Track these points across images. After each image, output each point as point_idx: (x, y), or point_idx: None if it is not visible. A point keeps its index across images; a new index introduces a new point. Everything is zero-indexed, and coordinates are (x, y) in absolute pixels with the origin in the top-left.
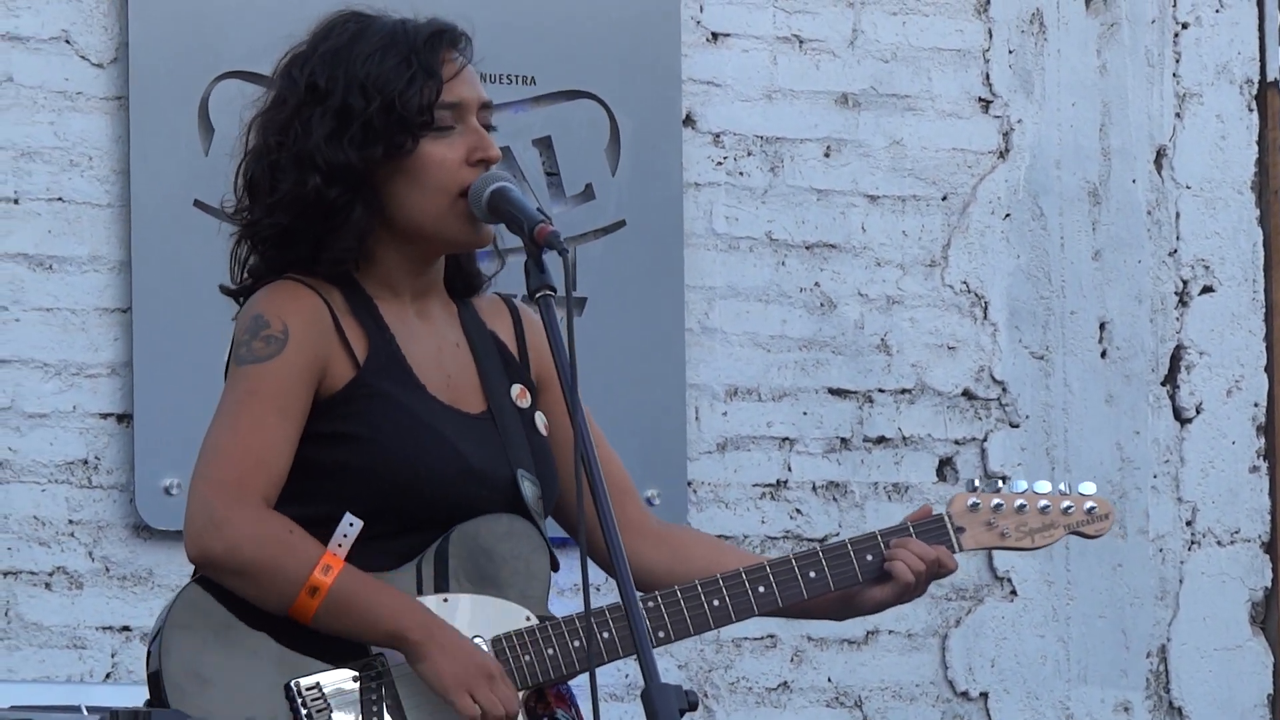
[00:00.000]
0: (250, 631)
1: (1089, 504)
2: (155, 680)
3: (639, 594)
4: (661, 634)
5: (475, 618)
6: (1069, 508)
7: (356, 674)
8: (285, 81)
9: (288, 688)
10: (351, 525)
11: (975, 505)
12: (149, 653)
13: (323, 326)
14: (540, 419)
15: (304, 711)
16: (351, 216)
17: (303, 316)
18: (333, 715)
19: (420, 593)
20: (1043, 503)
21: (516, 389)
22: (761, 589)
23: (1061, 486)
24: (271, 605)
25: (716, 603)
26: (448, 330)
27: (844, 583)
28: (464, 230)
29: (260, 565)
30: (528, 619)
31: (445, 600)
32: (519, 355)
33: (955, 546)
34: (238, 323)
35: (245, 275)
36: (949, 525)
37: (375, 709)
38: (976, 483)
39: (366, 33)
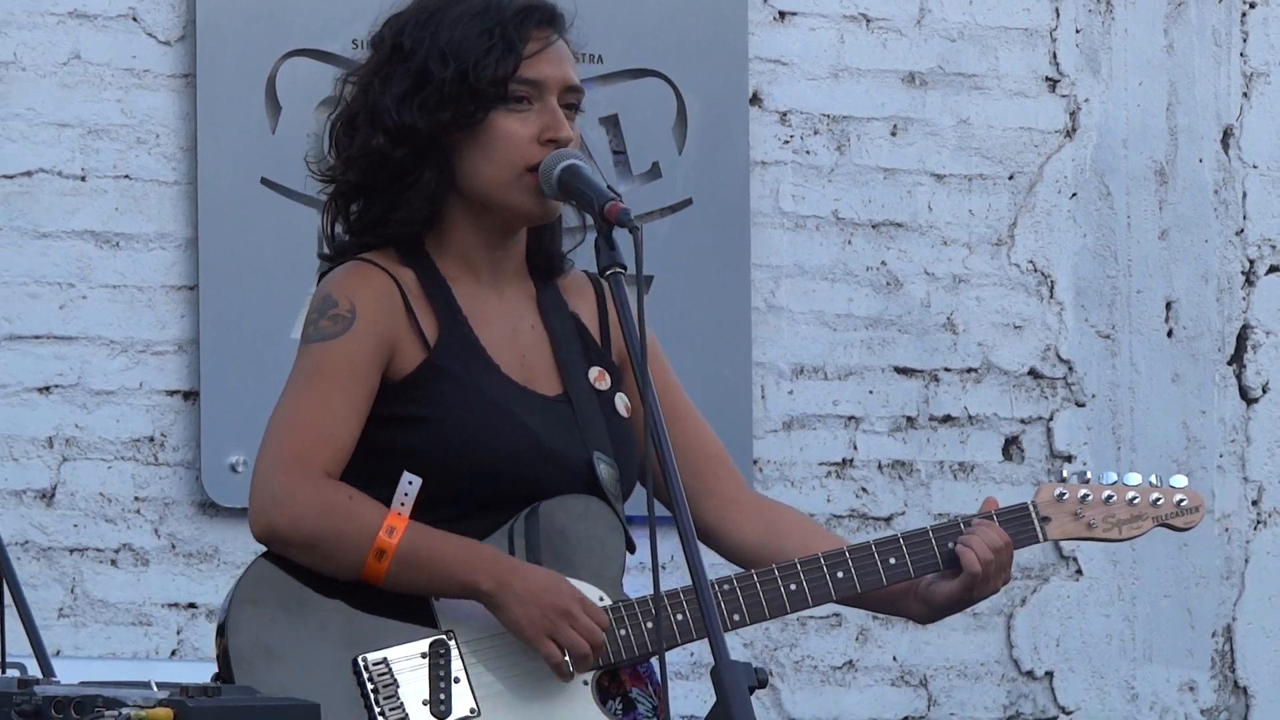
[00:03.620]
0: (322, 602)
1: (1178, 497)
2: (224, 656)
3: (744, 570)
4: (736, 617)
5: None
6: (1158, 500)
7: (425, 651)
8: (378, 38)
9: (355, 663)
10: (411, 483)
11: (1062, 495)
12: (219, 628)
13: (393, 307)
14: (621, 400)
15: (370, 686)
16: (420, 180)
17: (372, 296)
18: (399, 690)
19: None
20: (1131, 494)
21: (595, 371)
22: (840, 574)
23: (1152, 479)
24: (343, 574)
25: (793, 587)
26: (524, 312)
27: (924, 569)
28: (530, 203)
29: (325, 536)
30: (601, 599)
31: None
32: (600, 336)
33: (1040, 536)
34: (309, 304)
35: (329, 251)
36: (1034, 514)
37: (443, 685)
38: (1065, 473)
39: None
